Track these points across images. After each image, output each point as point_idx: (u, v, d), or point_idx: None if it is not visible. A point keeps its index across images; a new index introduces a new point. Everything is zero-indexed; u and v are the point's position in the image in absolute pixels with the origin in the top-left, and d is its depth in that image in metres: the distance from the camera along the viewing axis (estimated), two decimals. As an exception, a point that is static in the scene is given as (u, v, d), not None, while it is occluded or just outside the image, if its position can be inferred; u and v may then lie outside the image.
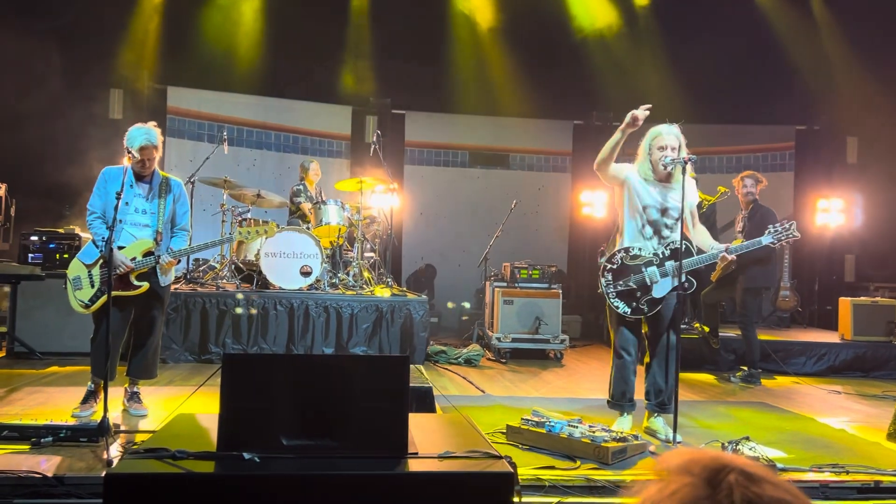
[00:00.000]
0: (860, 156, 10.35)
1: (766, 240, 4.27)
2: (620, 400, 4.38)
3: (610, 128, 10.69)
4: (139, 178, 4.31)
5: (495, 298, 7.54)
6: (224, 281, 7.14)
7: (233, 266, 7.22)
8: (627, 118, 4.04)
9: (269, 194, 7.59)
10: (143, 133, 4.21)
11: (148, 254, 4.25)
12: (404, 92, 10.11)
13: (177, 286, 6.88)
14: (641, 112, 4.03)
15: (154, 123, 4.33)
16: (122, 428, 3.94)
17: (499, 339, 7.32)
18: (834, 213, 9.34)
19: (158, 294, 4.37)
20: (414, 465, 2.35)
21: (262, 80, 9.48)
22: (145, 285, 4.25)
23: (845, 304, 7.45)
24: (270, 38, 9.35)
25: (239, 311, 6.47)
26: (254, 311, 6.48)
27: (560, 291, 7.64)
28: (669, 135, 4.20)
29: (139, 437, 3.61)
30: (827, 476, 3.56)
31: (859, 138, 10.34)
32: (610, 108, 10.67)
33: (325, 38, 9.63)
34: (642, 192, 4.24)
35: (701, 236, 4.36)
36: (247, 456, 2.33)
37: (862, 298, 7.62)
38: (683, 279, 4.03)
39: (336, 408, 2.43)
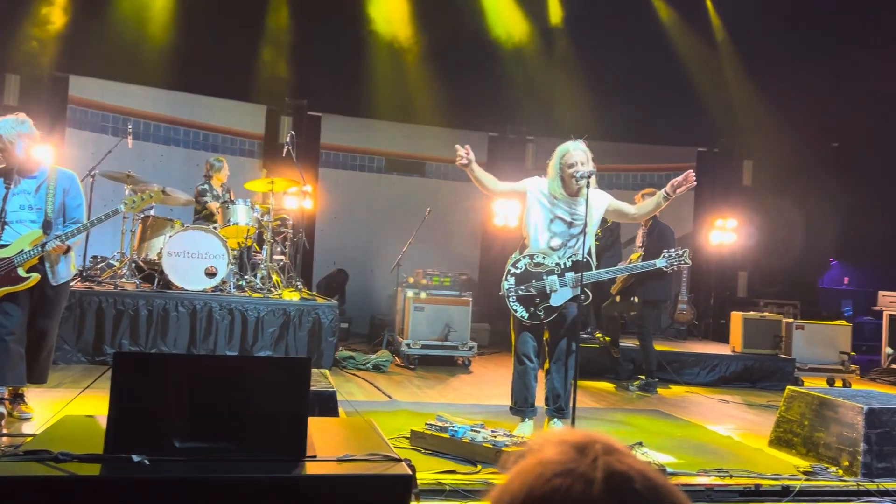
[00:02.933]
0: (755, 178, 10.98)
1: (660, 263, 4.51)
2: (522, 405, 4.48)
3: (523, 140, 11.04)
4: (22, 173, 4.08)
5: (406, 305, 7.55)
6: (123, 280, 6.86)
7: (133, 265, 6.94)
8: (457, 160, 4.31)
9: (176, 192, 7.34)
10: None
11: (36, 245, 4.03)
12: (321, 94, 10.00)
13: (71, 284, 6.55)
14: (462, 152, 4.29)
15: (22, 115, 4.09)
16: (4, 431, 3.71)
17: (408, 345, 7.33)
18: (729, 232, 9.86)
19: (50, 294, 4.14)
20: (311, 468, 2.32)
21: (172, 73, 9.16)
22: (35, 276, 4.02)
23: (736, 318, 7.87)
24: (183, 31, 9.05)
25: None
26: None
27: (470, 299, 7.74)
28: (577, 150, 4.36)
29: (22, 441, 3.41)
30: (712, 480, 3.74)
31: (754, 162, 10.97)
32: (524, 121, 10.92)
33: (242, 35, 9.42)
34: (549, 206, 4.38)
35: (643, 209, 4.66)
36: (136, 458, 2.24)
37: (751, 313, 8.06)
38: (581, 291, 4.17)
39: (232, 410, 2.37)
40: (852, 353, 7.78)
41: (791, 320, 8.05)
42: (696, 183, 4.44)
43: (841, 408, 4.18)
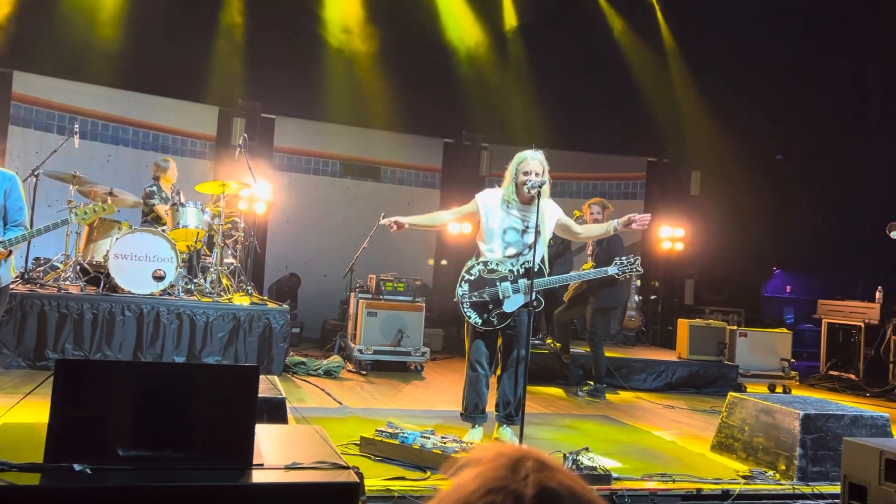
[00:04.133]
0: (702, 188, 11.27)
1: (612, 270, 4.61)
2: (473, 412, 4.52)
3: (479, 147, 11.13)
4: None
5: (359, 310, 7.53)
6: (67, 283, 6.68)
7: (78, 267, 6.77)
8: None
9: (123, 193, 7.20)
10: None
11: (-23, 250, 3.92)
12: (276, 96, 9.90)
13: (12, 286, 6.36)
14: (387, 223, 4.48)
15: None
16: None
17: (360, 350, 7.31)
18: (677, 240, 10.10)
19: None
20: (258, 476, 2.31)
21: (121, 72, 8.95)
22: (-27, 282, 3.91)
23: (683, 325, 8.06)
24: (133, 29, 8.86)
25: None
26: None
27: (423, 305, 7.76)
28: (534, 160, 4.43)
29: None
30: (656, 485, 3.83)
31: (702, 172, 11.27)
32: (479, 128, 11.01)
33: (194, 35, 9.28)
34: (503, 216, 4.45)
35: (591, 231, 4.89)
36: (77, 467, 2.20)
37: (697, 320, 8.27)
38: (533, 297, 4.24)
39: (178, 418, 2.35)
40: (792, 360, 8.05)
41: (735, 327, 8.29)
42: (647, 226, 4.58)
43: (778, 413, 4.33)
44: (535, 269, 4.32)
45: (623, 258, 4.63)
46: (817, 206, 11.23)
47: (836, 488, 3.76)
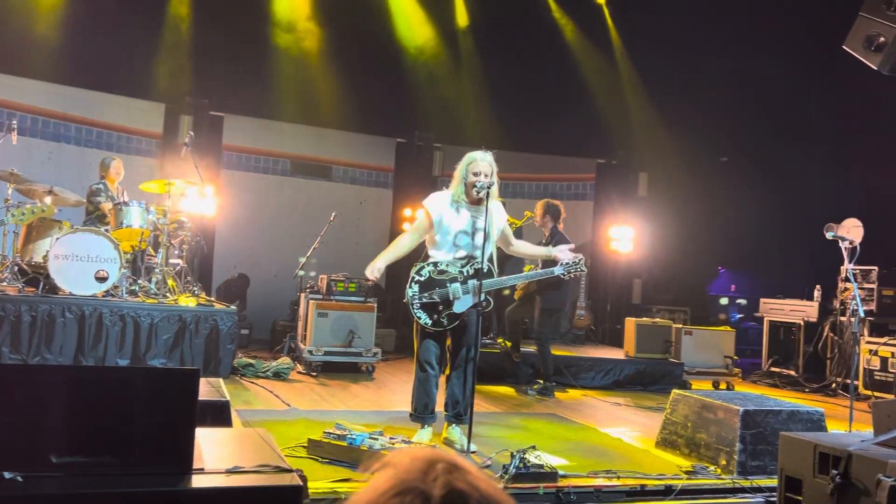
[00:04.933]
0: (650, 190, 11.50)
1: (557, 271, 4.67)
2: (422, 412, 4.52)
3: (431, 148, 11.14)
4: None
5: (309, 311, 7.46)
6: (4, 284, 6.46)
7: (15, 268, 6.56)
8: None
9: (65, 192, 6.99)
10: None
11: None
12: (224, 94, 9.73)
13: (-55, 288, 6.13)
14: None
15: None
16: None
17: (311, 351, 7.24)
18: (625, 240, 10.28)
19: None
20: (197, 481, 2.27)
21: (63, 67, 8.67)
22: None
23: (630, 323, 8.20)
24: (75, 23, 8.59)
25: None
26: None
27: (375, 305, 7.73)
28: (483, 161, 4.46)
29: None
30: (601, 481, 3.90)
31: (650, 174, 11.49)
32: (431, 128, 11.02)
33: (139, 30, 9.06)
34: (452, 218, 4.48)
35: (524, 248, 4.82)
36: (8, 475, 2.13)
37: (644, 319, 8.42)
38: (482, 298, 4.27)
39: (115, 423, 2.29)
40: (735, 357, 8.26)
41: (680, 326, 8.47)
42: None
43: (720, 409, 4.44)
44: (485, 270, 4.35)
45: (569, 259, 4.70)
46: (761, 206, 11.55)
47: (773, 481, 3.88)
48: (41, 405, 2.26)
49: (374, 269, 4.52)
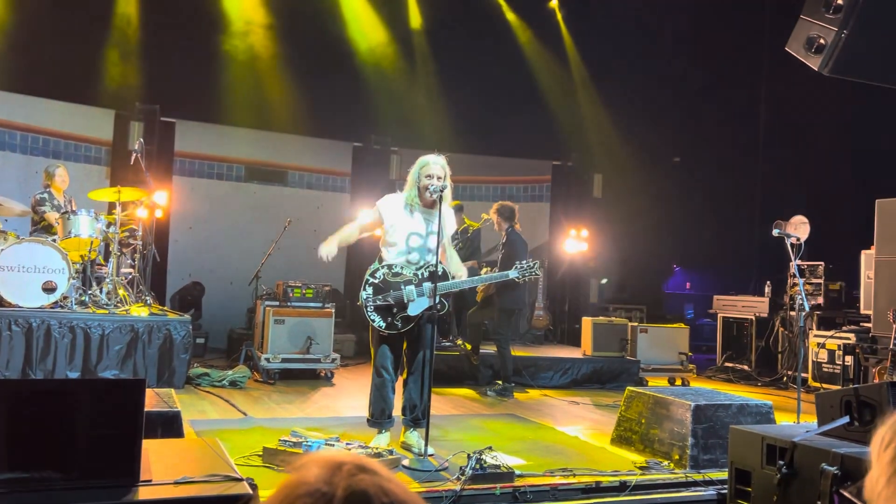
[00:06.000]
0: (604, 191, 11.66)
1: (512, 274, 4.70)
2: (380, 418, 4.51)
3: (388, 151, 11.12)
4: None
5: (266, 318, 7.38)
6: (-54, 297, 6.25)
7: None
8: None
9: (10, 202, 6.79)
10: None
11: None
12: (176, 99, 9.56)
13: None
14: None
15: None
16: None
17: (268, 359, 7.16)
18: (582, 241, 10.40)
19: None
20: (145, 493, 2.23)
21: (5, 73, 8.45)
22: None
23: (587, 323, 8.30)
24: (16, 27, 8.37)
25: None
26: None
27: (333, 311, 7.68)
28: (436, 164, 4.47)
29: None
30: (557, 479, 3.93)
31: (604, 175, 11.65)
32: (388, 132, 11.01)
33: (86, 34, 8.87)
34: (405, 221, 4.47)
35: (451, 262, 4.69)
36: (-56, 495, 2.07)
37: (600, 318, 8.53)
38: (437, 301, 4.28)
39: (58, 436, 2.24)
40: (690, 354, 8.41)
41: (636, 324, 8.59)
42: None
43: (672, 405, 4.52)
44: (440, 273, 4.36)
45: (523, 262, 4.73)
46: (713, 205, 11.81)
47: (724, 474, 3.96)
48: (-21, 421, 2.20)
49: (326, 251, 4.51)
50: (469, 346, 7.46)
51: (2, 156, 9.03)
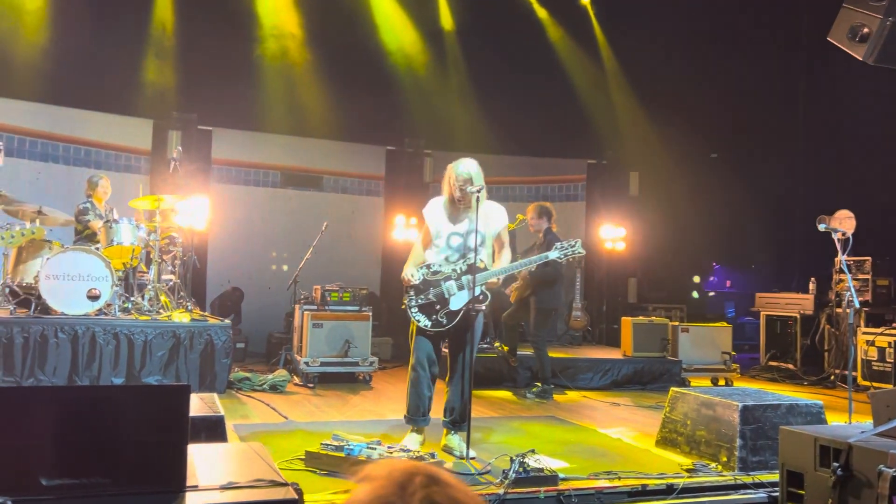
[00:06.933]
0: (641, 188, 11.50)
1: (552, 255, 4.62)
2: (414, 415, 4.51)
3: (422, 154, 11.12)
4: None
5: (304, 322, 7.42)
6: (-5, 306, 6.40)
7: (7, 290, 6.50)
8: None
9: (54, 211, 6.93)
10: None
11: None
12: (212, 107, 9.70)
13: (-65, 312, 6.08)
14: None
15: None
16: None
17: (307, 363, 7.20)
18: (618, 240, 10.27)
19: None
20: (191, 499, 2.24)
21: (48, 86, 8.63)
22: None
23: (626, 323, 8.18)
24: (58, 42, 8.55)
25: None
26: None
27: (370, 314, 7.69)
28: (469, 167, 4.47)
29: None
30: (602, 483, 3.87)
31: (640, 173, 11.49)
32: (420, 134, 11.02)
33: (124, 47, 9.04)
34: (445, 223, 4.53)
35: (506, 260, 4.66)
36: (-3, 501, 2.10)
37: (640, 318, 8.40)
38: (478, 292, 4.28)
39: (104, 442, 2.26)
40: (733, 353, 8.24)
41: (677, 323, 8.45)
42: None
43: (718, 406, 4.42)
44: (477, 266, 4.36)
45: (563, 242, 4.67)
46: (752, 201, 11.57)
47: (775, 476, 3.85)
48: (29, 427, 2.23)
49: (409, 273, 4.52)
50: (506, 349, 7.40)
51: (46, 167, 9.24)
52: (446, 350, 4.71)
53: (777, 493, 3.73)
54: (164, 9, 9.54)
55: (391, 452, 3.88)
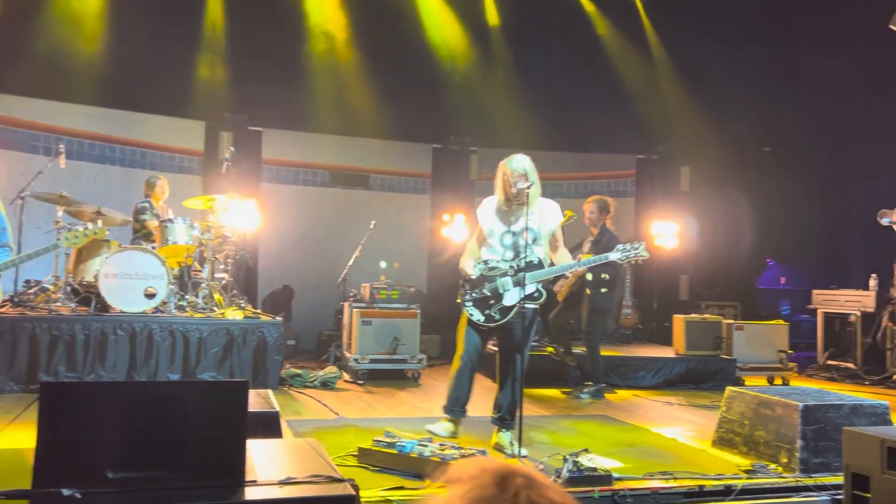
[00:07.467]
0: (693, 184, 11.27)
1: (613, 255, 4.56)
2: (454, 405, 4.52)
3: (467, 151, 11.10)
4: None
5: (353, 319, 7.49)
6: (58, 304, 6.62)
7: (68, 288, 6.71)
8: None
9: (112, 212, 7.14)
10: None
11: (-37, 275, 3.87)
12: (262, 108, 9.86)
13: (2, 310, 6.30)
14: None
15: None
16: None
17: (356, 360, 7.26)
18: (669, 236, 10.08)
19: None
20: (251, 493, 2.27)
21: (105, 90, 8.89)
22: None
23: (679, 321, 8.03)
24: (114, 47, 8.81)
25: None
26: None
27: (418, 311, 7.72)
28: (520, 163, 4.44)
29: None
30: (657, 483, 3.80)
31: (692, 168, 11.26)
32: (466, 132, 11.00)
33: (177, 50, 9.24)
34: (498, 222, 4.52)
35: (562, 258, 4.64)
36: (66, 492, 2.16)
37: (693, 316, 8.24)
38: (533, 289, 4.26)
39: (167, 437, 2.31)
40: (790, 351, 8.02)
41: (731, 321, 8.26)
42: None
43: (778, 406, 4.30)
44: (535, 263, 4.35)
45: (626, 244, 4.59)
46: (808, 195, 11.22)
47: (838, 479, 3.73)
48: (95, 422, 2.29)
49: (468, 266, 4.56)
50: (559, 350, 7.29)
51: (104, 169, 9.51)
52: (493, 348, 4.71)
53: (841, 496, 3.61)
54: (215, 10, 9.73)
55: (443, 450, 3.87)
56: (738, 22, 10.30)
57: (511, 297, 4.41)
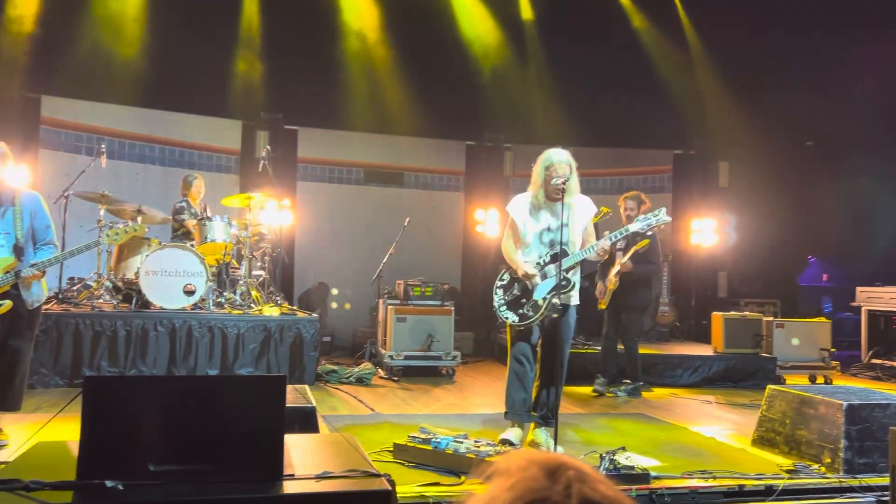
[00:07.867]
0: (731, 179, 11.07)
1: (634, 226, 4.50)
2: (520, 409, 4.43)
3: (501, 148, 11.06)
4: None
5: (388, 316, 7.52)
6: (100, 301, 6.77)
7: (110, 285, 6.86)
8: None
9: (152, 210, 7.27)
10: None
11: (9, 271, 3.98)
12: (297, 107, 9.97)
13: (47, 307, 6.46)
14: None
15: None
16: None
17: (391, 356, 7.29)
18: (707, 233, 9.92)
19: (24, 316, 4.08)
20: (289, 487, 2.29)
21: (145, 91, 9.08)
22: (7, 303, 3.97)
23: (717, 318, 7.90)
24: (153, 48, 8.98)
25: None
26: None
27: (452, 308, 7.71)
28: (560, 158, 4.39)
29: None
30: (696, 482, 3.74)
31: (730, 163, 11.07)
32: (500, 129, 10.96)
33: (214, 51, 9.37)
34: (533, 219, 4.45)
35: (603, 251, 4.57)
36: (109, 484, 2.20)
37: (732, 313, 8.10)
38: (560, 277, 4.19)
39: (207, 431, 2.34)
40: (832, 350, 7.84)
41: (771, 319, 8.10)
42: None
43: (821, 405, 4.21)
44: (561, 252, 4.26)
45: (646, 214, 4.55)
46: (850, 191, 10.95)
47: (884, 480, 3.64)
48: (138, 415, 2.33)
49: (524, 266, 4.42)
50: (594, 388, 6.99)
51: (143, 168, 9.69)
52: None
53: (887, 498, 3.52)
54: (251, 10, 9.85)
55: (478, 447, 3.87)
56: (776, 13, 10.08)
57: (541, 291, 4.38)
